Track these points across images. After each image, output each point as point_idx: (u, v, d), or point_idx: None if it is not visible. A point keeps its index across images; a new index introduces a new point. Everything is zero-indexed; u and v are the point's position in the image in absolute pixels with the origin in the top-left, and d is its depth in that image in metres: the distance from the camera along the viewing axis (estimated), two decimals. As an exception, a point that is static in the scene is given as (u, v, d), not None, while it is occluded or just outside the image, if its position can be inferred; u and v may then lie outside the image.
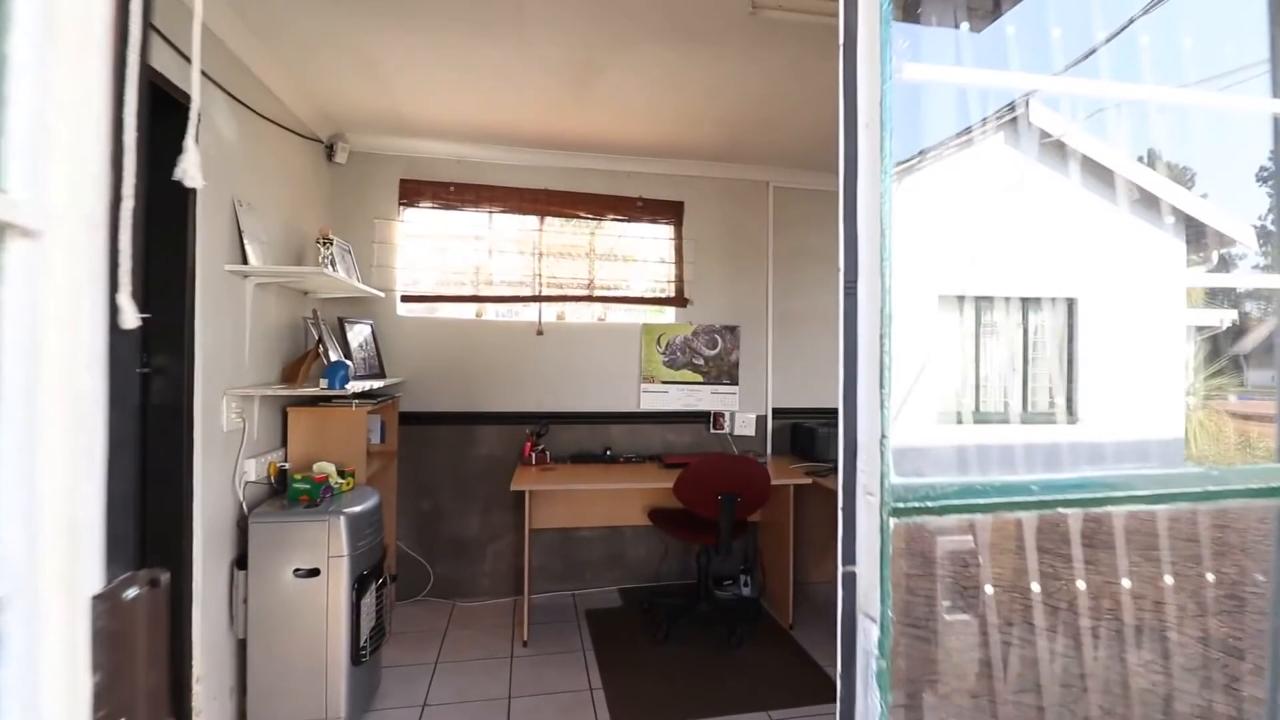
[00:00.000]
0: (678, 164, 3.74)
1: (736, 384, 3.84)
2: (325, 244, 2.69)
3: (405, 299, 3.44)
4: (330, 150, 3.30)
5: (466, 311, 3.60)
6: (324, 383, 2.38)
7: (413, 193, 3.47)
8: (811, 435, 3.62)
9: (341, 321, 3.08)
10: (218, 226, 2.22)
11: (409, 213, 3.51)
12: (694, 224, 3.81)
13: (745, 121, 3.12)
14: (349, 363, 2.56)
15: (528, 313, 3.65)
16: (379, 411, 3.27)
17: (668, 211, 3.77)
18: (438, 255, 3.54)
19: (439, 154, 3.48)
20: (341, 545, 2.28)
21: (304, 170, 3.05)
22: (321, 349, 2.66)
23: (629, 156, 3.66)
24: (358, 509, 2.40)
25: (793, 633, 3.15)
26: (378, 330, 3.39)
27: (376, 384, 2.96)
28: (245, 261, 2.34)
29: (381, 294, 3.30)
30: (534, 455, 3.36)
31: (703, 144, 3.46)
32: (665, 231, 3.82)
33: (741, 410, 3.85)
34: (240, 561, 2.28)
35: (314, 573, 2.26)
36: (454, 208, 3.51)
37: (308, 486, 2.41)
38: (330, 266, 2.68)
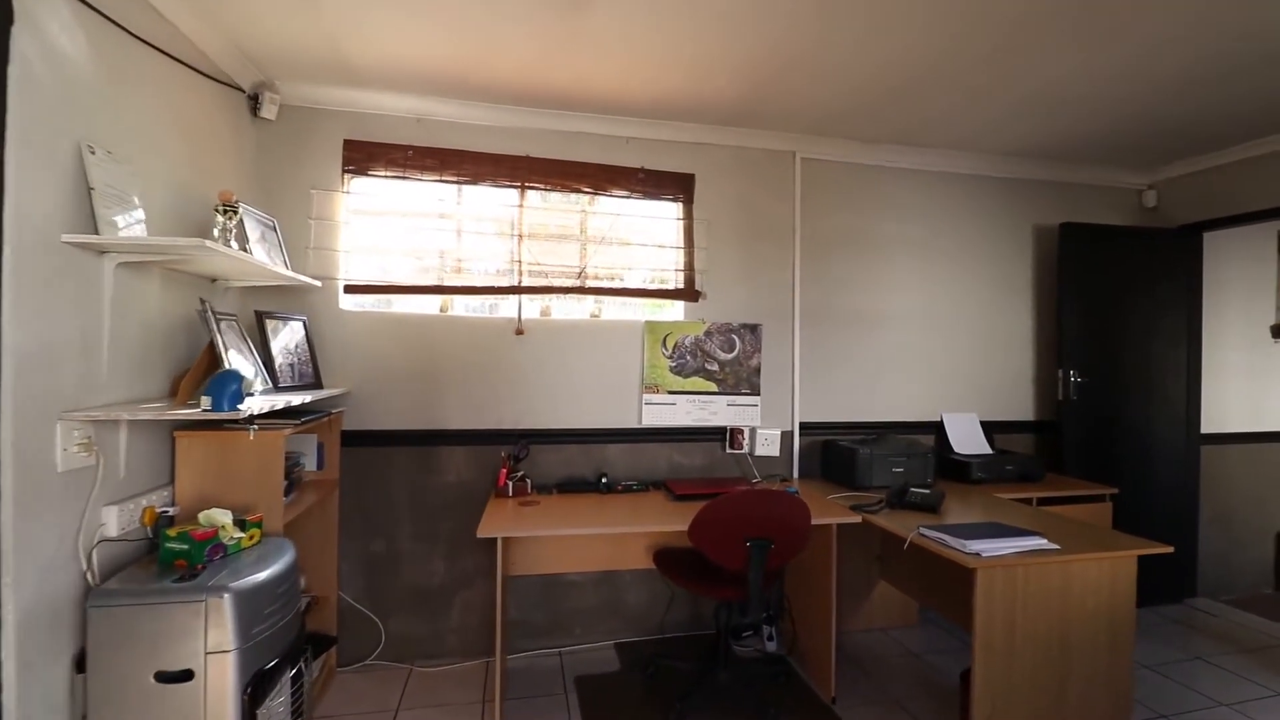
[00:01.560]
0: (687, 128, 3.08)
1: (758, 394, 3.19)
2: (227, 213, 2.00)
3: (350, 289, 2.76)
4: (255, 102, 2.61)
5: (429, 305, 2.92)
6: (206, 401, 1.69)
7: (361, 158, 2.79)
8: (850, 457, 2.98)
9: (261, 318, 2.40)
10: (47, 180, 1.54)
11: (356, 183, 2.83)
12: (707, 201, 3.15)
13: (768, 69, 2.47)
14: (243, 374, 1.87)
15: (505, 307, 2.98)
16: (315, 431, 2.59)
17: (675, 186, 3.11)
18: (393, 236, 2.85)
19: (394, 110, 2.80)
20: (227, 634, 1.61)
21: (214, 123, 2.37)
22: (218, 352, 1.98)
23: (629, 118, 3.00)
24: (258, 578, 1.73)
25: (835, 708, 2.50)
26: (313, 329, 2.70)
27: (303, 397, 2.28)
28: (96, 231, 1.66)
29: (317, 283, 2.61)
30: (511, 484, 2.69)
31: (718, 101, 2.81)
32: (672, 210, 3.16)
33: (764, 426, 3.19)
34: (80, 661, 1.60)
35: (185, 676, 1.58)
36: (413, 177, 2.83)
37: (185, 547, 1.73)
38: (231, 242, 1.99)
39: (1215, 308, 3.75)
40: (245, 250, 2.20)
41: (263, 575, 1.76)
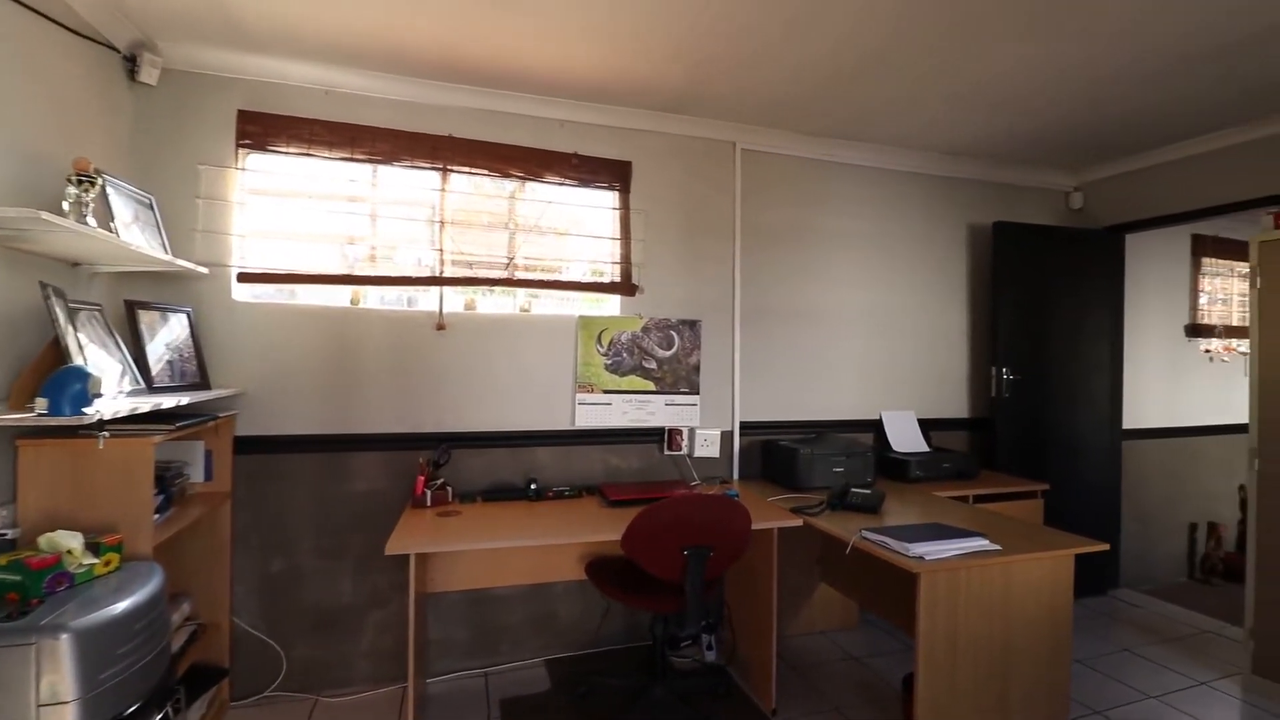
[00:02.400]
0: (625, 113, 2.92)
1: (697, 393, 3.06)
2: (83, 184, 1.71)
3: (245, 278, 2.46)
4: (132, 64, 2.29)
5: (338, 297, 2.65)
6: (41, 403, 1.41)
7: (259, 131, 2.50)
8: (791, 457, 2.89)
9: (132, 309, 2.09)
10: None
11: (253, 159, 2.53)
12: (644, 191, 3.00)
13: (707, 49, 2.34)
14: (90, 371, 1.59)
15: (425, 300, 2.74)
16: (200, 437, 2.30)
17: (611, 173, 2.95)
18: (296, 219, 2.57)
19: (298, 79, 2.52)
20: (65, 682, 1.34)
21: (81, 87, 2.05)
22: (64, 346, 1.68)
23: (562, 100, 2.81)
24: (110, 612, 1.46)
25: (776, 719, 2.40)
26: (200, 322, 2.40)
27: (181, 399, 2.00)
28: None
29: (204, 270, 2.32)
30: (430, 492, 2.46)
31: (656, 86, 2.66)
32: (608, 199, 2.99)
33: (703, 426, 3.07)
34: None
35: (7, 738, 1.30)
36: (320, 155, 2.55)
37: (17, 578, 1.44)
38: (87, 218, 1.70)
39: (1135, 307, 3.88)
40: (110, 229, 1.90)
41: (118, 608, 1.49)
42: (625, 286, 2.95)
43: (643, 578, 2.34)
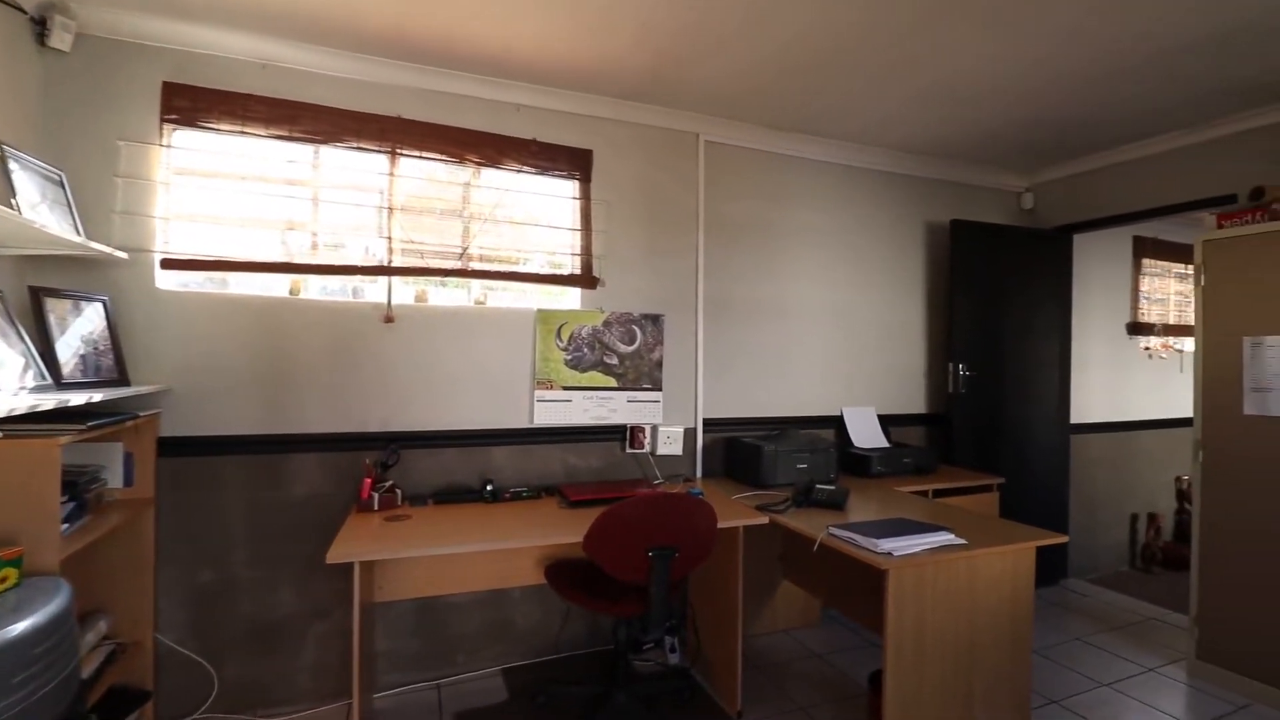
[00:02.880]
0: (586, 100, 2.82)
1: (660, 390, 2.98)
2: (-27, 152, 1.51)
3: (170, 264, 2.26)
4: (41, 27, 2.07)
5: (276, 286, 2.47)
6: (-86, 399, 1.23)
7: (187, 106, 2.30)
8: (755, 454, 2.84)
9: (38, 296, 1.88)
10: None
11: (181, 136, 2.33)
12: (606, 181, 2.91)
13: (668, 31, 2.26)
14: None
15: (372, 291, 2.58)
16: (119, 438, 2.10)
17: (571, 161, 2.85)
18: (229, 202, 2.38)
19: (230, 51, 2.33)
20: (-59, 719, 1.16)
21: (-34, 40, 1.83)
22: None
23: (520, 83, 2.69)
24: (7, 635, 1.28)
25: (741, 723, 2.34)
26: (119, 312, 2.19)
27: (93, 396, 1.80)
28: None
29: (123, 254, 2.11)
30: (377, 496, 2.31)
31: (618, 72, 2.57)
32: (568, 188, 2.88)
33: (666, 423, 2.99)
34: None
35: None
36: (256, 133, 2.37)
37: (-115, 600, 1.25)
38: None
39: (1081, 305, 3.99)
40: (11, 206, 1.70)
41: (14, 631, 1.32)
42: (586, 279, 2.85)
43: (605, 580, 2.25)
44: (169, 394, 2.25)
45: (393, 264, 2.53)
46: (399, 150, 2.55)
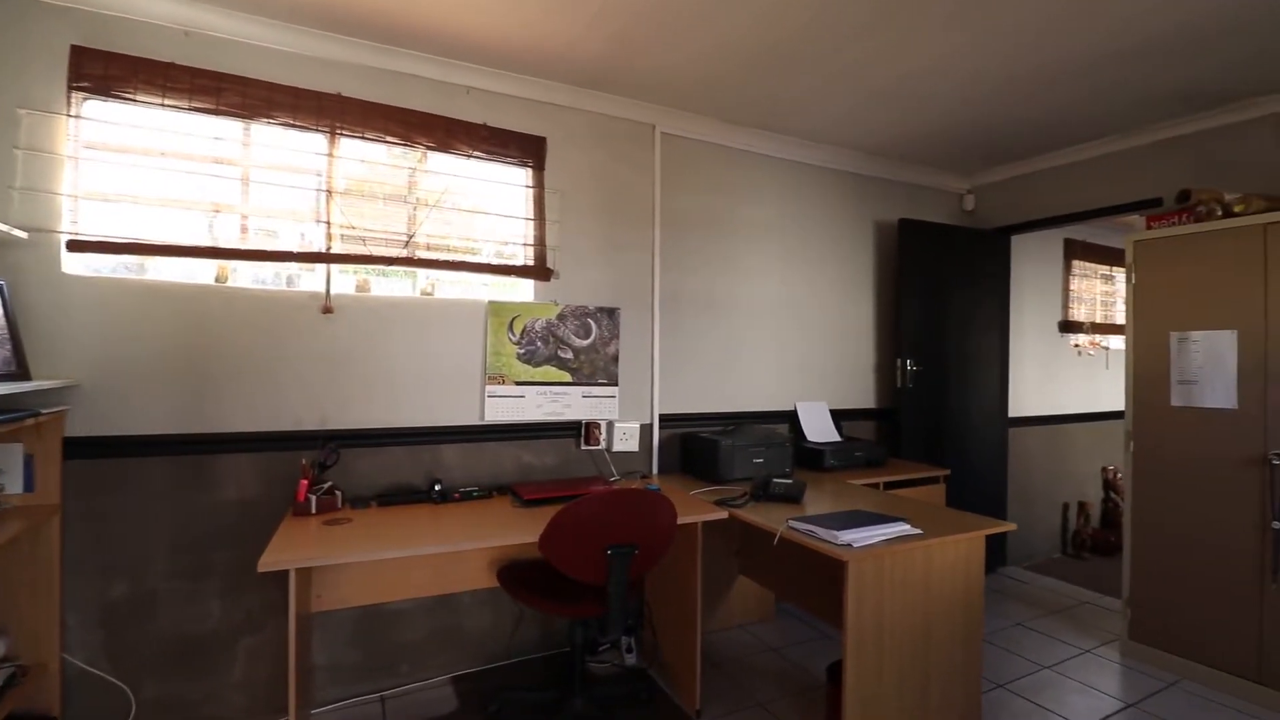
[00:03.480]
0: (539, 85, 2.73)
1: (616, 385, 2.92)
2: None
3: (78, 246, 2.04)
4: (-81, -24, 1.84)
5: (200, 273, 2.28)
6: None
7: (99, 73, 2.09)
8: (712, 449, 2.81)
9: (-85, 275, 1.66)
10: None
11: (92, 106, 2.12)
12: (560, 170, 2.82)
13: (630, 18, 2.21)
14: None
15: (309, 279, 2.42)
16: (19, 437, 1.89)
17: (524, 148, 2.75)
18: (147, 180, 2.18)
19: (149, 14, 2.13)
20: None
21: None
22: None
23: (470, 64, 2.58)
24: None
25: (700, 722, 2.30)
26: (18, 298, 1.97)
27: (-16, 391, 1.61)
28: None
29: (21, 234, 1.90)
30: (315, 498, 2.16)
31: (575, 57, 2.50)
32: (520, 176, 2.78)
33: (622, 419, 2.93)
34: None
35: None
36: (178, 105, 2.18)
37: None
38: None
39: (1018, 303, 4.15)
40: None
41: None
42: (539, 270, 2.76)
43: (561, 581, 2.18)
44: (77, 389, 2.04)
45: (332, 251, 2.37)
46: (339, 130, 2.39)
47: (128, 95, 2.12)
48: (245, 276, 2.33)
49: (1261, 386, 2.42)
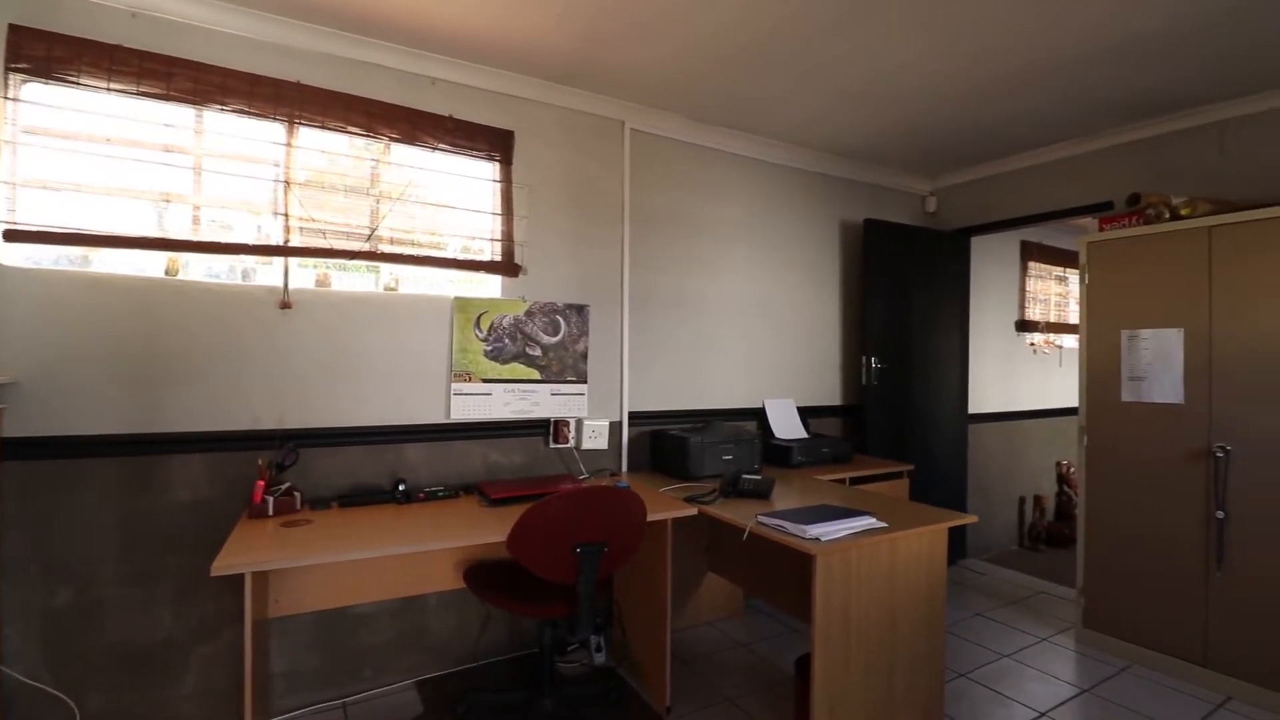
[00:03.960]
0: (507, 78, 2.69)
1: (585, 382, 2.89)
2: None
3: (14, 236, 1.93)
4: None
5: (150, 265, 2.18)
6: None
7: (40, 54, 1.98)
8: (682, 446, 2.81)
9: None
10: None
11: (32, 88, 2.01)
12: (528, 165, 2.79)
13: (600, 13, 2.19)
14: None
15: (266, 273, 2.34)
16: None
17: (491, 142, 2.71)
18: (92, 168, 2.07)
19: (93, -6, 2.04)
20: None
21: None
22: None
23: (436, 55, 2.53)
24: None
25: (671, 718, 2.30)
26: (-53, 289, 1.86)
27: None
28: None
29: (-49, 221, 1.79)
30: (272, 499, 2.08)
31: (543, 50, 2.47)
32: (487, 170, 2.74)
33: (591, 417, 2.91)
34: None
35: None
36: (125, 90, 2.08)
37: None
38: None
39: (977, 303, 4.26)
40: None
41: None
42: (507, 266, 2.72)
43: (529, 581, 2.15)
44: (15, 388, 1.93)
45: (290, 244, 2.30)
46: (298, 119, 2.32)
47: (71, 78, 2.02)
48: (197, 270, 2.24)
49: (1206, 382, 2.52)
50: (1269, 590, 2.36)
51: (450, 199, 2.65)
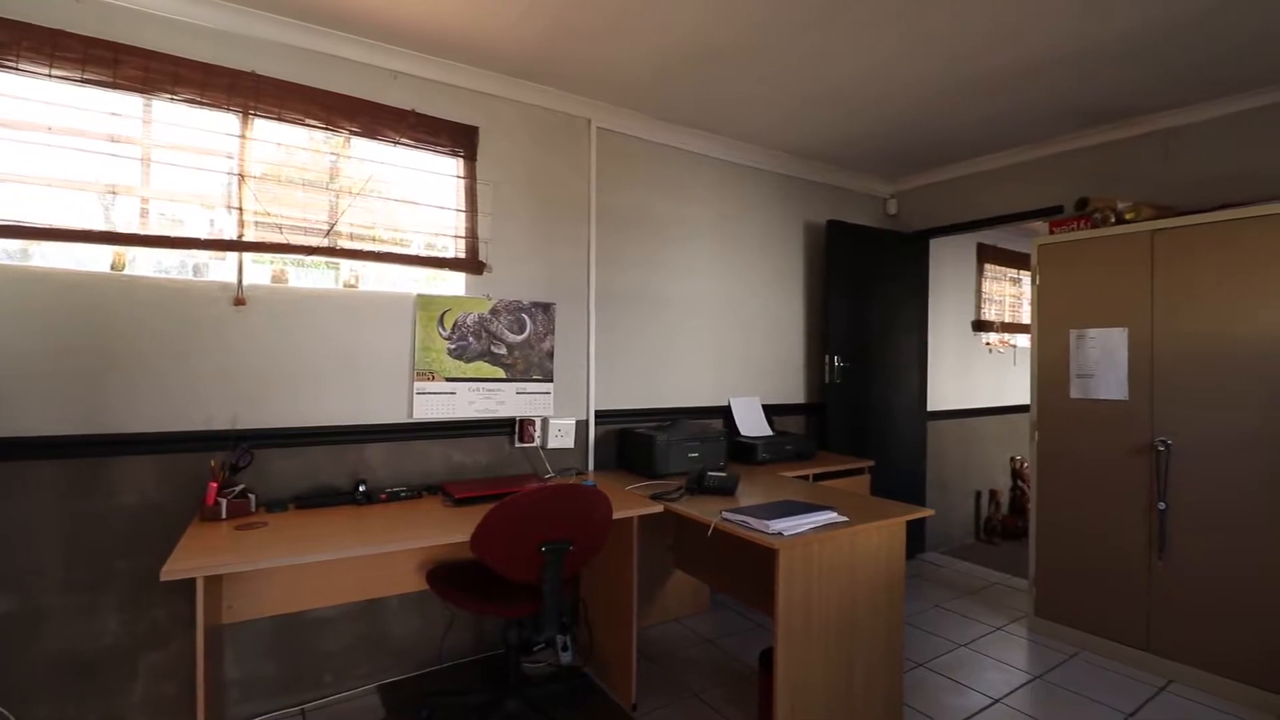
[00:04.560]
0: (471, 73, 2.66)
1: (551, 381, 2.88)
2: None
3: (-54, 228, 1.85)
4: None
5: (94, 260, 2.09)
6: None
7: (-29, 36, 1.89)
8: (648, 444, 2.82)
9: None
10: None
11: (-37, 73, 1.91)
12: (493, 161, 2.76)
13: (566, 8, 2.18)
14: None
15: (219, 268, 2.27)
16: None
17: (455, 138, 2.67)
18: (32, 158, 1.98)
19: (32, -25, 1.95)
20: None
21: None
22: None
23: (397, 48, 2.48)
24: None
25: (636, 715, 2.30)
26: None
27: None
28: None
29: (-125, 211, 1.69)
30: (225, 502, 2.02)
31: (510, 44, 2.45)
32: (451, 166, 2.70)
33: (557, 415, 2.90)
34: None
35: None
36: (68, 77, 1.99)
37: None
38: None
39: (936, 303, 4.37)
40: None
41: None
42: (471, 263, 2.69)
43: (494, 581, 2.14)
44: (-55, 387, 1.83)
45: (244, 239, 2.23)
46: (253, 110, 2.25)
47: (8, 64, 1.92)
48: (146, 265, 2.16)
49: (1148, 379, 2.64)
50: (1207, 577, 2.48)
51: (413, 195, 2.61)
